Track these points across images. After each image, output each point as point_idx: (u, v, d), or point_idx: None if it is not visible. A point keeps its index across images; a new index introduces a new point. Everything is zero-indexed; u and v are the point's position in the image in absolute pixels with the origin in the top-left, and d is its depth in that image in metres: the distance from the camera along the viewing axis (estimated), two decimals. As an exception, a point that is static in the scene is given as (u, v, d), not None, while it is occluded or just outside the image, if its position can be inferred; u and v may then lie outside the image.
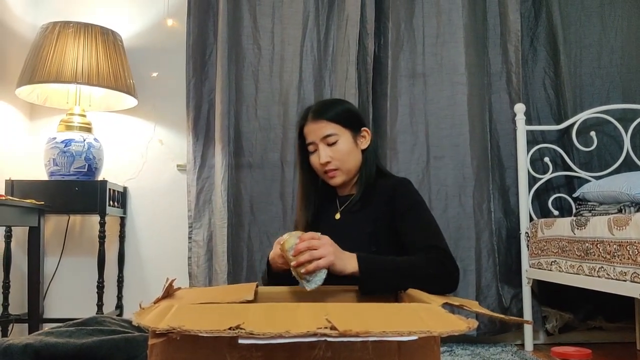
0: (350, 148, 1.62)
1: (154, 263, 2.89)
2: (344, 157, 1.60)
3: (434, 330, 0.73)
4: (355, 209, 1.61)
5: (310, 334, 0.71)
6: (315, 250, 1.26)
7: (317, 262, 1.25)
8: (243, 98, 2.84)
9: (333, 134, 1.59)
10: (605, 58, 2.92)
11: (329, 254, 1.26)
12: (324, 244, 1.28)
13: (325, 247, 1.27)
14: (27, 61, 2.56)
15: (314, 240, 1.28)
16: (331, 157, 1.59)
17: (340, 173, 1.62)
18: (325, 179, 1.65)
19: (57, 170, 2.56)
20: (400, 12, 2.86)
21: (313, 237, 1.29)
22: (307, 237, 1.29)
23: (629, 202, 2.26)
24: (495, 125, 2.89)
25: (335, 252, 1.29)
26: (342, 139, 1.60)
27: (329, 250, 1.27)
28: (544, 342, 2.74)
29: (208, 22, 2.89)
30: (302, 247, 1.26)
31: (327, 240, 1.30)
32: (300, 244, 1.27)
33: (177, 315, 0.81)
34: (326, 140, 1.60)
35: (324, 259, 1.25)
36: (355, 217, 1.59)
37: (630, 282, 1.85)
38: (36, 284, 2.50)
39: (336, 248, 1.30)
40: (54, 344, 1.28)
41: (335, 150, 1.59)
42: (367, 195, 1.61)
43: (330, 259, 1.26)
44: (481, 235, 2.72)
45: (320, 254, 1.26)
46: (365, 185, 1.63)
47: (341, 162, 1.60)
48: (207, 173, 2.82)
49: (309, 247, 1.27)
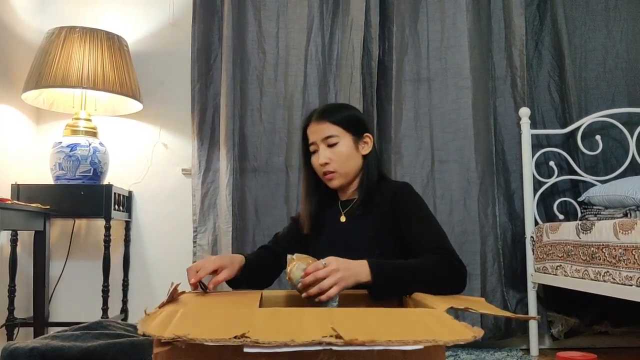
0: (349, 152, 1.61)
1: (159, 267, 2.89)
2: (343, 159, 1.60)
3: (440, 339, 0.73)
4: (357, 213, 1.61)
5: (316, 343, 0.71)
6: (323, 281, 1.23)
7: (327, 293, 1.23)
8: (248, 102, 2.85)
9: (334, 136, 1.60)
10: (610, 62, 2.91)
11: (338, 281, 1.24)
12: (331, 270, 1.24)
13: (332, 274, 1.24)
14: (33, 66, 2.57)
15: (320, 271, 1.24)
16: (330, 158, 1.59)
17: (338, 176, 1.61)
18: (324, 180, 1.65)
19: (62, 175, 2.57)
20: (404, 16, 2.86)
21: (317, 268, 1.25)
22: (312, 270, 1.25)
23: (635, 206, 2.25)
24: (500, 129, 2.88)
25: (343, 273, 1.25)
26: (342, 142, 1.60)
27: (337, 277, 1.24)
28: (550, 346, 2.73)
29: (213, 26, 2.90)
30: (309, 281, 1.24)
31: (333, 265, 1.25)
32: (306, 278, 1.24)
33: (182, 323, 0.81)
34: (327, 141, 1.60)
35: (334, 288, 1.23)
36: (359, 221, 1.60)
37: (636, 286, 1.84)
38: (42, 288, 2.51)
39: (344, 266, 1.26)
40: (59, 347, 1.29)
41: (335, 152, 1.60)
42: (369, 199, 1.61)
43: (340, 286, 1.24)
44: (486, 240, 2.72)
45: (329, 283, 1.23)
46: (367, 190, 1.63)
47: (339, 165, 1.60)
48: (211, 177, 2.82)
49: (315, 280, 1.24)
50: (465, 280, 1.40)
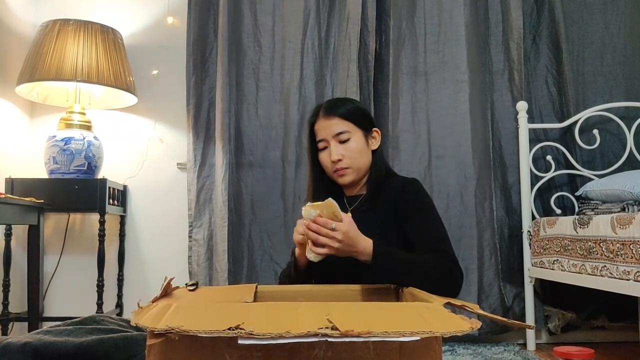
0: (361, 147, 1.60)
1: (154, 262, 2.88)
2: (356, 155, 1.59)
3: (437, 330, 0.72)
4: (364, 208, 1.61)
5: (311, 334, 0.70)
6: (321, 237, 1.31)
7: (316, 251, 1.33)
8: (244, 96, 2.83)
9: (345, 132, 1.58)
10: (607, 56, 2.90)
11: (331, 248, 1.31)
12: (332, 238, 1.30)
13: (332, 240, 1.30)
14: (27, 59, 2.55)
15: (323, 229, 1.30)
16: (342, 155, 1.58)
17: (351, 172, 1.60)
18: (334, 177, 1.63)
19: (57, 169, 2.55)
20: (401, 10, 2.85)
21: (325, 225, 1.30)
22: (321, 223, 1.31)
23: (632, 200, 2.24)
24: (497, 124, 2.87)
25: (342, 246, 1.31)
26: (354, 137, 1.59)
27: (334, 246, 1.31)
28: (547, 341, 2.73)
29: (209, 19, 2.87)
30: (313, 229, 1.31)
31: (338, 235, 1.30)
32: (312, 225, 1.31)
33: (176, 315, 0.80)
34: (338, 137, 1.58)
35: (324, 249, 1.32)
36: (365, 217, 1.58)
37: (633, 281, 1.83)
38: (36, 283, 2.49)
39: (347, 241, 1.31)
40: (52, 342, 1.27)
41: (347, 148, 1.58)
42: (376, 195, 1.61)
43: (329, 252, 1.32)
44: (483, 234, 2.71)
45: (324, 242, 1.31)
46: (374, 186, 1.62)
47: (352, 161, 1.59)
48: (207, 172, 2.81)
49: (317, 232, 1.31)
50: (460, 285, 1.42)
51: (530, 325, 1.13)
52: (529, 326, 0.99)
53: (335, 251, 1.32)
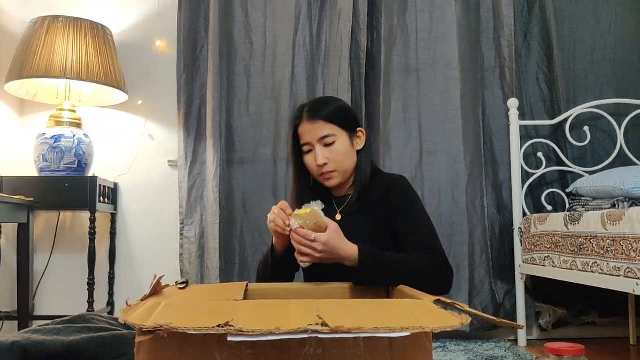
0: (347, 149, 1.59)
1: (145, 260, 2.86)
2: (341, 158, 1.57)
3: (427, 326, 0.72)
4: (353, 211, 1.59)
5: (301, 331, 0.69)
6: (302, 247, 1.34)
7: (299, 257, 1.37)
8: (235, 93, 2.82)
9: (330, 135, 1.56)
10: (598, 53, 2.91)
11: (313, 257, 1.34)
12: (312, 249, 1.33)
13: (313, 250, 1.33)
14: (16, 56, 2.52)
15: (304, 240, 1.33)
16: (328, 158, 1.55)
17: (337, 175, 1.58)
18: (321, 180, 1.61)
19: (46, 166, 2.53)
20: (393, 6, 2.84)
21: (305, 236, 1.33)
22: (302, 234, 1.33)
23: (623, 197, 2.25)
24: (489, 121, 2.87)
25: (324, 255, 1.34)
26: (339, 140, 1.57)
27: (316, 255, 1.34)
28: (538, 337, 2.74)
29: (199, 16, 2.86)
30: (295, 239, 1.35)
31: (318, 246, 1.33)
32: (294, 236, 1.35)
33: (165, 313, 0.80)
34: (323, 141, 1.56)
35: (307, 257, 1.35)
36: (355, 219, 1.57)
37: (623, 277, 1.84)
38: (26, 281, 2.48)
39: (329, 250, 1.33)
40: (41, 341, 1.26)
41: (332, 151, 1.56)
42: (364, 195, 1.59)
43: (313, 260, 1.35)
44: (474, 231, 2.72)
45: (306, 252, 1.34)
46: (361, 186, 1.60)
47: (338, 164, 1.57)
48: (198, 169, 2.80)
49: (299, 242, 1.34)
50: (450, 283, 1.43)
51: (520, 325, 1.13)
52: (519, 326, 0.99)
53: (318, 260, 1.34)
